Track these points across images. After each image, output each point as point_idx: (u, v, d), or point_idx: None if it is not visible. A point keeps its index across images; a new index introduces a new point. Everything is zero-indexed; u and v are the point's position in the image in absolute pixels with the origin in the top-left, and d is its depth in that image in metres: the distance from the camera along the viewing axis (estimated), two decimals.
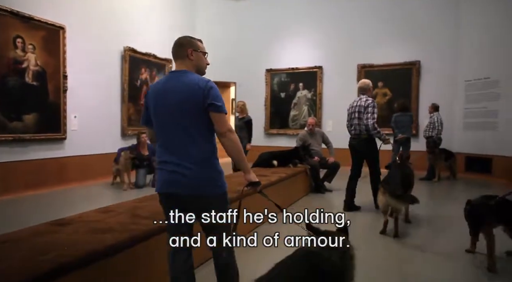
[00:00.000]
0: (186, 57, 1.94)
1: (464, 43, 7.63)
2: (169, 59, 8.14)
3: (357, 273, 1.62)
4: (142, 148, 6.06)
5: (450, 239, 3.49)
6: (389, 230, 3.52)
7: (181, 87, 1.78)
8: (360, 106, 4.44)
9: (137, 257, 2.13)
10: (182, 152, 1.76)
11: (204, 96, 1.74)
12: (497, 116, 7.03)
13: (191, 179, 1.73)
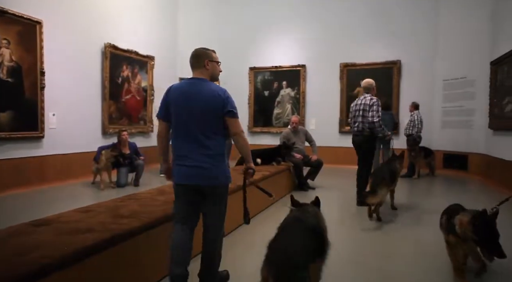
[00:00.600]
0: (204, 67, 2.25)
1: (442, 43, 7.83)
2: (152, 56, 8.04)
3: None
4: (123, 146, 5.95)
5: (430, 229, 3.60)
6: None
7: (204, 94, 2.12)
8: (365, 104, 4.61)
9: (118, 258, 2.10)
10: (201, 149, 2.10)
11: (223, 104, 2.12)
12: (473, 115, 7.27)
13: (210, 172, 2.10)
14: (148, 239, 2.35)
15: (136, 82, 7.69)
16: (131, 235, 2.20)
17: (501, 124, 6.07)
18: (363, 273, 2.62)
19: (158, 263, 2.45)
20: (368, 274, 2.61)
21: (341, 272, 2.59)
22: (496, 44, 6.54)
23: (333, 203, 5.22)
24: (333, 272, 2.36)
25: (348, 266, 2.71)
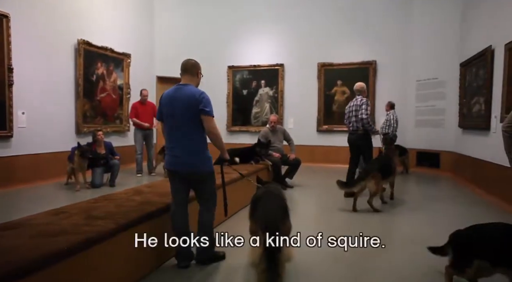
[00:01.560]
0: (196, 75, 2.81)
1: (414, 45, 8.07)
2: (128, 54, 7.86)
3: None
4: (99, 146, 5.79)
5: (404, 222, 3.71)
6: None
7: (184, 97, 2.58)
8: (356, 105, 5.12)
9: (92, 261, 2.03)
10: (183, 143, 2.59)
11: (198, 103, 2.53)
12: (444, 114, 7.54)
13: (188, 162, 2.59)
14: (124, 240, 2.30)
15: (112, 80, 7.50)
16: (106, 237, 2.14)
17: (470, 123, 6.33)
18: (340, 268, 2.67)
19: (135, 264, 2.41)
20: (345, 270, 2.66)
21: (318, 267, 2.63)
22: (465, 47, 6.81)
23: (311, 201, 5.28)
24: (312, 267, 2.39)
25: (326, 261, 2.75)
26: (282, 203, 2.44)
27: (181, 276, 2.54)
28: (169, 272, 2.59)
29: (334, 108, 8.65)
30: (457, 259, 2.19)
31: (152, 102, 7.28)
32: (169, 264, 2.71)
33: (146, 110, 6.79)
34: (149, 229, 2.57)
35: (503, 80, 4.92)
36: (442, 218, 4.21)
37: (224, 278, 2.55)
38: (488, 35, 5.60)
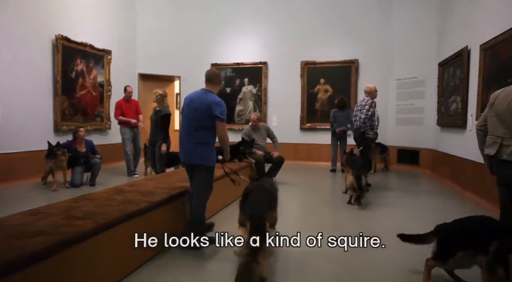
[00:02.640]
0: (218, 84, 3.25)
1: (395, 45, 8.23)
2: (108, 51, 7.70)
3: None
4: (79, 144, 5.67)
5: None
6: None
7: (202, 100, 2.97)
8: (362, 105, 5.64)
9: (71, 262, 2.00)
10: (191, 138, 2.99)
11: (213, 109, 2.91)
12: (423, 113, 7.74)
13: (192, 155, 3.01)
14: (104, 241, 2.26)
15: (92, 77, 7.33)
16: (85, 237, 2.10)
17: (447, 121, 6.52)
18: (322, 263, 2.71)
19: (116, 265, 2.37)
20: (326, 264, 2.70)
21: (302, 262, 2.66)
22: (443, 47, 7.00)
23: (295, 198, 5.33)
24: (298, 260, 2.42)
25: (309, 257, 2.79)
26: (271, 196, 2.70)
27: (164, 273, 2.53)
28: (152, 271, 2.57)
29: (317, 107, 8.74)
30: (441, 250, 2.26)
31: (135, 100, 7.15)
32: (151, 263, 2.69)
33: (131, 108, 6.67)
34: (131, 229, 2.54)
35: (478, 80, 5.08)
36: (421, 213, 4.33)
37: (206, 279, 2.54)
38: (464, 36, 5.76)
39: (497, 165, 2.23)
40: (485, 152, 2.30)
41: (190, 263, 2.73)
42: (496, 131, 2.21)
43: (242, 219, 2.46)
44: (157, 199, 2.99)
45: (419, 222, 3.59)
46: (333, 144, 7.46)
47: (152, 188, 3.36)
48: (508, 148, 2.12)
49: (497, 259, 1.96)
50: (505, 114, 2.14)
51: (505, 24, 4.29)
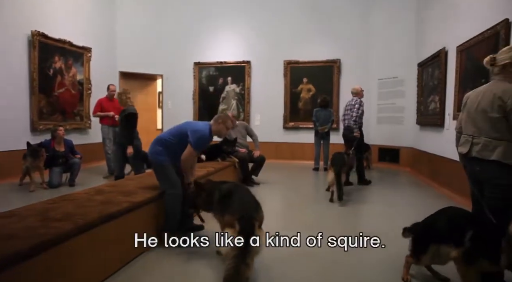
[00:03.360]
0: (220, 123, 3.22)
1: (376, 45, 8.36)
2: (88, 48, 7.53)
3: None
4: (58, 144, 5.52)
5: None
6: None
7: (191, 126, 3.19)
8: (351, 105, 6.02)
9: (48, 266, 1.94)
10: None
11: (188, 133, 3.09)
12: (403, 112, 7.91)
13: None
14: (83, 242, 2.21)
15: (71, 75, 7.15)
16: (63, 239, 2.04)
17: (426, 120, 6.69)
18: (303, 260, 2.73)
19: (96, 266, 2.32)
20: (307, 260, 2.72)
21: (285, 260, 2.67)
22: (422, 47, 7.17)
23: (277, 197, 5.35)
24: (282, 259, 2.43)
25: (291, 254, 2.81)
26: (253, 196, 2.63)
27: (147, 274, 2.50)
28: (135, 272, 2.53)
29: (300, 106, 8.80)
30: (415, 245, 2.32)
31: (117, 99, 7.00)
32: (133, 264, 2.65)
33: (113, 107, 6.50)
34: (112, 230, 2.50)
35: (455, 80, 5.23)
36: (399, 210, 4.42)
37: (191, 278, 2.53)
38: (442, 37, 5.92)
39: (469, 163, 2.32)
40: (458, 150, 2.39)
41: (174, 263, 2.70)
42: (467, 130, 2.32)
43: (229, 219, 2.37)
44: (138, 199, 2.95)
45: (397, 219, 3.68)
46: (316, 142, 7.54)
47: (134, 188, 3.31)
48: (477, 146, 2.21)
49: (474, 249, 1.98)
50: (475, 114, 2.24)
51: (479, 27, 4.44)
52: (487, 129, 2.17)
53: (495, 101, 2.11)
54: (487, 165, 2.17)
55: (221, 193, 2.69)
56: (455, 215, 2.23)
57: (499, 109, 2.10)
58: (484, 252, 1.97)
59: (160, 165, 3.12)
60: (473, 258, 1.99)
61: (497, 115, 2.11)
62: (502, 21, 3.91)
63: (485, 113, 2.17)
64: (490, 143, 2.15)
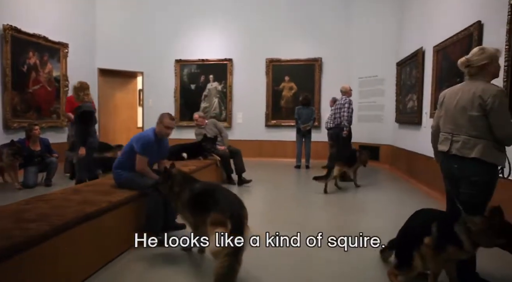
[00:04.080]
0: (159, 123, 3.33)
1: (356, 44, 8.49)
2: (65, 43, 7.30)
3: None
4: (33, 143, 5.34)
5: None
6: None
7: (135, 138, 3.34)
8: (341, 104, 6.28)
9: (21, 269, 1.87)
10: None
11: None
12: (383, 110, 8.07)
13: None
14: (60, 244, 2.15)
15: (46, 72, 6.92)
16: (39, 241, 1.98)
17: (404, 119, 6.85)
18: (284, 258, 2.75)
19: (74, 267, 2.26)
20: (287, 258, 2.74)
21: (266, 258, 2.68)
22: (400, 47, 7.33)
23: (260, 194, 5.36)
24: (260, 256, 2.44)
25: (272, 253, 2.82)
26: (234, 194, 2.62)
27: (126, 275, 2.45)
28: (113, 273, 2.49)
29: (282, 104, 8.84)
30: (400, 259, 2.34)
31: None
32: (113, 264, 2.60)
33: None
34: (89, 230, 2.44)
35: (432, 79, 5.38)
36: (378, 206, 4.52)
37: (172, 277, 2.50)
38: (420, 37, 6.07)
39: (447, 160, 2.36)
40: (439, 148, 2.42)
41: (155, 262, 2.67)
42: (446, 128, 2.36)
43: (219, 218, 2.31)
44: (117, 198, 2.89)
45: (375, 215, 3.76)
46: (298, 140, 7.59)
47: (113, 188, 3.25)
48: (457, 143, 2.25)
49: (440, 236, 2.10)
50: (454, 111, 2.28)
51: (454, 28, 4.58)
52: (466, 127, 2.21)
53: (475, 100, 2.15)
54: (466, 162, 2.21)
55: (194, 192, 2.65)
56: (425, 218, 2.32)
57: (479, 107, 2.14)
58: (449, 238, 2.07)
59: (125, 180, 3.21)
60: (441, 245, 2.08)
61: (477, 114, 2.15)
62: (475, 23, 4.05)
63: (464, 111, 2.21)
64: (469, 140, 2.19)
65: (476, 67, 2.22)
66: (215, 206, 2.40)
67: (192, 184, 2.75)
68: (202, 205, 2.52)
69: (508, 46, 3.35)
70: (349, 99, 6.28)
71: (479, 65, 2.20)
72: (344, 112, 6.16)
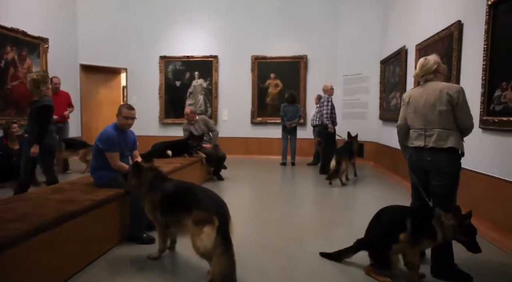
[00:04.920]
0: (118, 114, 3.22)
1: (341, 42, 8.57)
2: (45, 38, 7.10)
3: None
4: (11, 141, 5.19)
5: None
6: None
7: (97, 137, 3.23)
8: (322, 102, 6.54)
9: (2, 270, 1.83)
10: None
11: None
12: (367, 107, 8.18)
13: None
14: (40, 244, 2.10)
15: (26, 67, 6.71)
16: (18, 241, 1.93)
17: (388, 116, 6.96)
18: (269, 254, 2.77)
19: (56, 267, 2.22)
20: (272, 255, 2.76)
21: (251, 255, 2.69)
22: (384, 45, 7.44)
23: (245, 192, 5.36)
24: (243, 253, 2.44)
25: (257, 249, 2.83)
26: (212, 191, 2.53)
27: (110, 274, 2.42)
28: (96, 273, 2.45)
29: (268, 101, 8.85)
30: (378, 261, 2.40)
31: (66, 92, 6.57)
32: (96, 264, 2.56)
33: (60, 101, 6.11)
34: (72, 230, 2.39)
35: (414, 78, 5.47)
36: (363, 202, 4.59)
37: (157, 277, 2.48)
38: (403, 36, 6.18)
39: (421, 154, 2.52)
40: (414, 144, 2.57)
41: (138, 262, 2.64)
42: (416, 125, 2.56)
43: (204, 216, 2.21)
44: (101, 196, 2.84)
45: (362, 211, 3.82)
46: (284, 137, 7.62)
47: (96, 186, 3.19)
48: (432, 137, 2.44)
49: (416, 231, 2.26)
50: (423, 109, 2.49)
51: (436, 27, 4.68)
52: (438, 122, 2.42)
53: (443, 96, 2.39)
54: (440, 154, 2.40)
55: (167, 191, 2.53)
56: (394, 215, 2.44)
57: (447, 103, 2.38)
58: (425, 232, 2.26)
59: (106, 181, 3.14)
60: (417, 239, 2.27)
61: (445, 108, 2.39)
62: (455, 23, 4.15)
63: (434, 107, 2.43)
64: (443, 133, 2.40)
65: (431, 73, 2.52)
66: (196, 204, 2.30)
67: (164, 182, 2.61)
68: (179, 205, 2.42)
69: (487, 45, 3.44)
70: (327, 97, 6.47)
71: (433, 70, 2.51)
72: (324, 110, 6.38)
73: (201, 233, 2.16)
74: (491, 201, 3.33)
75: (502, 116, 3.21)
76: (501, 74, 3.26)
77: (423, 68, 2.54)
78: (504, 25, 3.25)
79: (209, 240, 2.13)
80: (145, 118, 8.65)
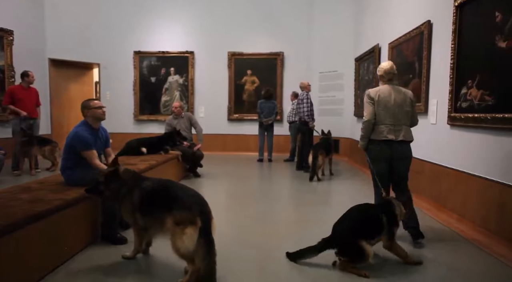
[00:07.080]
0: (85, 116, 3.19)
1: (316, 39, 8.68)
2: (9, 30, 6.78)
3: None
4: None
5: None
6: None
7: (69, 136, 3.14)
8: (301, 100, 6.49)
9: None
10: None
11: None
12: (342, 104, 8.33)
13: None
14: (6, 246, 2.01)
15: None
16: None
17: (362, 112, 7.08)
18: (246, 251, 2.78)
19: (26, 268, 2.13)
20: (249, 251, 2.78)
21: (228, 251, 2.69)
22: (359, 43, 7.59)
23: (222, 189, 5.35)
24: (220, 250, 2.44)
25: (235, 246, 2.84)
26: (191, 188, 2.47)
27: (82, 275, 2.35)
28: (68, 273, 2.37)
29: (244, 97, 8.84)
30: (352, 256, 2.42)
31: (34, 88, 6.29)
32: (62, 269, 2.48)
33: (30, 96, 5.85)
34: (41, 230, 2.30)
35: None
36: (337, 197, 4.68)
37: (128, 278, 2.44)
38: (376, 34, 6.32)
39: (392, 145, 2.90)
40: (388, 137, 2.90)
41: (112, 261, 2.58)
42: (387, 121, 2.92)
43: (187, 216, 2.13)
44: (72, 195, 2.74)
45: (336, 206, 3.89)
46: (260, 134, 7.64)
47: (66, 185, 3.08)
48: (401, 131, 2.91)
49: (390, 226, 2.51)
50: (393, 108, 2.91)
51: (407, 26, 4.82)
52: (404, 119, 2.94)
53: (407, 99, 2.96)
54: (406, 145, 2.95)
55: (146, 191, 2.42)
56: (363, 212, 2.59)
57: (410, 104, 2.97)
58: (394, 223, 2.55)
59: (76, 180, 3.03)
60: (392, 232, 2.52)
61: (409, 109, 2.96)
62: (425, 22, 4.29)
63: (402, 107, 2.93)
64: (408, 128, 2.97)
65: (393, 78, 3.03)
66: (177, 204, 2.20)
67: (141, 181, 2.51)
68: (159, 204, 2.32)
69: (454, 45, 3.58)
70: (305, 94, 6.46)
71: (396, 73, 3.04)
72: (304, 107, 6.37)
73: (182, 234, 2.09)
74: (459, 195, 3.48)
75: (468, 113, 3.35)
76: (467, 73, 3.41)
77: (391, 71, 3.00)
78: (470, 26, 3.39)
79: (191, 242, 2.07)
80: (119, 115, 8.45)
